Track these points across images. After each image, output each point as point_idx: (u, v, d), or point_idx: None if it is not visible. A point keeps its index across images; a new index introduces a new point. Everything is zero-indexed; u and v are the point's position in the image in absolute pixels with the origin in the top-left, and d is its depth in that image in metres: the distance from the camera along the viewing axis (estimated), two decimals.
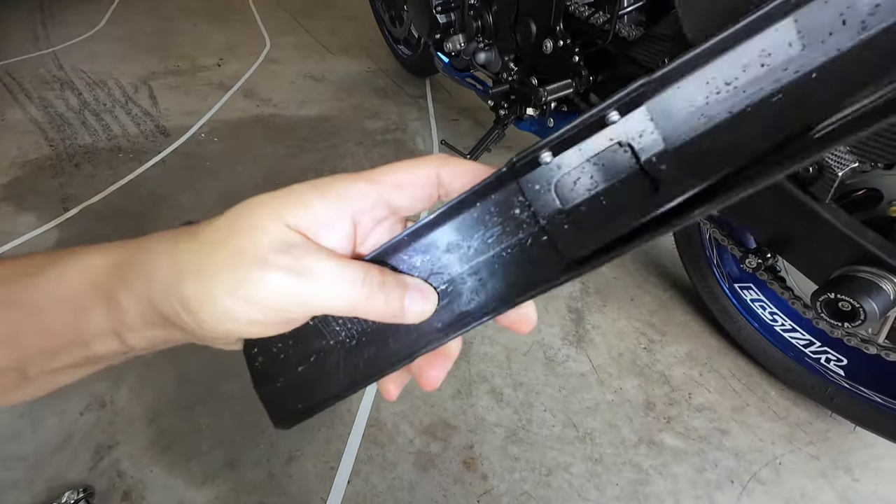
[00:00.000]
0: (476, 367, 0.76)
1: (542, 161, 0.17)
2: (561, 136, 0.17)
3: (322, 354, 0.21)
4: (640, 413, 0.70)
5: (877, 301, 0.45)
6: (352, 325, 0.21)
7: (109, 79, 1.58)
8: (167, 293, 0.17)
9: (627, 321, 0.84)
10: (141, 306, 0.18)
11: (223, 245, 0.17)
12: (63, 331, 0.18)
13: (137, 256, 0.18)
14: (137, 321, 0.18)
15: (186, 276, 0.17)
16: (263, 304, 0.17)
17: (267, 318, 0.18)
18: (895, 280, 0.45)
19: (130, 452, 0.64)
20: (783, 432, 0.68)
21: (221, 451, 0.64)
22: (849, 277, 0.48)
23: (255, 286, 0.17)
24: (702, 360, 0.78)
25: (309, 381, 0.21)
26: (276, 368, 0.21)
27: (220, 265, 0.17)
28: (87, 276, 0.18)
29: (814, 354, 0.69)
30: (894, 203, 0.49)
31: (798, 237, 0.54)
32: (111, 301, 0.18)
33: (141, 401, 0.69)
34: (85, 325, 0.18)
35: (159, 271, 0.18)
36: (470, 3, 0.91)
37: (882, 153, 0.45)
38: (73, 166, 1.17)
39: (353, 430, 0.67)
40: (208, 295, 0.17)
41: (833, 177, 0.47)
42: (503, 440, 0.67)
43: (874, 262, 0.47)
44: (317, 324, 0.21)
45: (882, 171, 0.46)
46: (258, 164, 1.21)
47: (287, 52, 1.84)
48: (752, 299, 0.75)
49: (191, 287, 0.17)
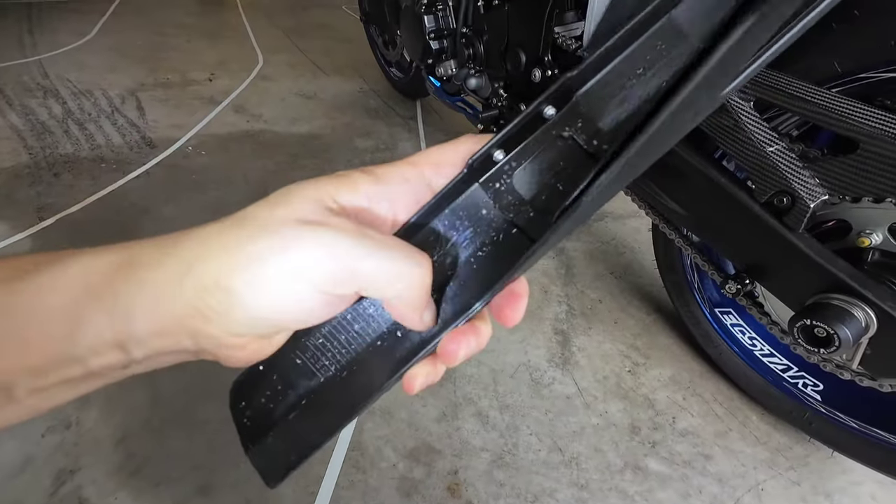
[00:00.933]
0: (462, 389, 0.75)
1: (496, 159, 0.19)
2: (507, 133, 0.19)
3: (313, 396, 0.20)
4: (626, 437, 0.70)
5: (850, 328, 0.47)
6: (342, 356, 0.20)
7: (96, 89, 1.56)
8: (195, 280, 0.15)
9: (612, 344, 0.84)
10: (152, 309, 0.16)
11: (267, 217, 0.16)
12: (55, 345, 0.16)
13: (146, 253, 0.16)
14: (146, 328, 0.16)
15: (223, 251, 0.16)
16: (317, 267, 0.15)
17: (317, 289, 0.16)
18: (866, 308, 0.47)
19: (95, 477, 0.60)
20: (765, 457, 0.69)
21: (194, 476, 0.61)
22: (823, 304, 0.49)
23: (311, 245, 0.15)
24: (685, 383, 0.79)
25: (302, 427, 0.20)
26: (266, 421, 0.20)
27: (263, 233, 0.15)
28: (86, 280, 0.16)
29: (792, 379, 0.70)
30: (862, 234, 0.51)
31: (774, 265, 0.56)
32: (115, 307, 0.16)
33: (109, 422, 0.66)
34: (81, 337, 0.16)
35: (178, 261, 0.16)
36: (462, 32, 0.95)
37: (849, 188, 0.47)
38: (52, 175, 1.14)
39: (334, 454, 0.64)
40: (255, 268, 0.15)
41: (805, 208, 0.49)
42: (488, 465, 0.65)
43: (845, 290, 0.49)
44: (305, 361, 0.20)
45: (850, 203, 0.49)
46: (246, 178, 1.20)
47: (280, 69, 1.86)
48: (733, 324, 0.76)
49: (231, 261, 0.15)
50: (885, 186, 0.45)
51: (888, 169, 0.45)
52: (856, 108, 0.45)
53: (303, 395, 0.20)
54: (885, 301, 0.46)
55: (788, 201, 0.50)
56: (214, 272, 0.16)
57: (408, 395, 0.73)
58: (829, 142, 0.55)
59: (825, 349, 0.48)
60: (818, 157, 0.49)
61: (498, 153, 0.19)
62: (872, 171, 0.46)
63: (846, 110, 0.45)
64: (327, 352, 0.20)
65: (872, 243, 0.51)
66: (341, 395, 0.20)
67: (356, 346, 0.20)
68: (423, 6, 0.97)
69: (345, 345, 0.20)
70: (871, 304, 0.47)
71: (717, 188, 0.55)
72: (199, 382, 0.70)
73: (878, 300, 0.47)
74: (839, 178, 0.48)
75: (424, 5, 0.97)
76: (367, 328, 0.20)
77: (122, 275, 0.16)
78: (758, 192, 0.52)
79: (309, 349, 0.20)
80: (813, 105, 0.47)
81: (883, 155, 0.44)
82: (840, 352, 0.48)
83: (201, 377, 0.70)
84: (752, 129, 0.50)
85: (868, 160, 0.45)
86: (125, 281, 0.16)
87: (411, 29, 1.04)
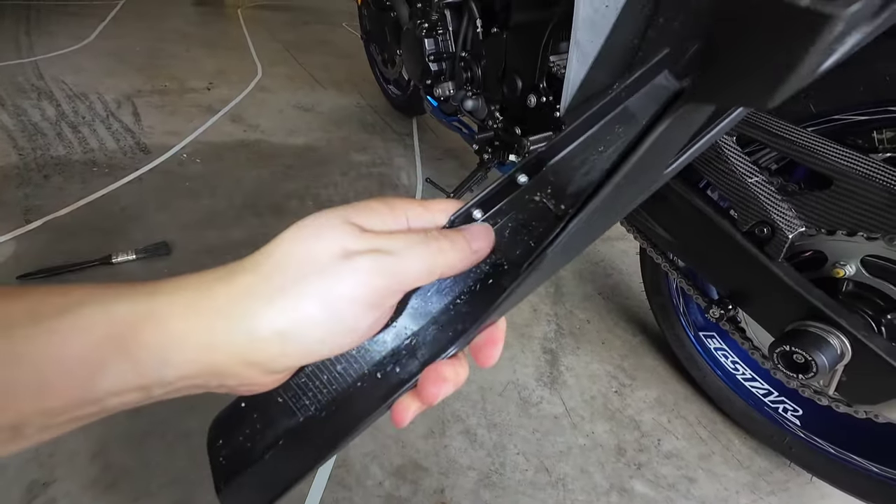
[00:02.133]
0: (450, 406, 0.75)
1: (475, 217, 0.22)
2: (486, 195, 0.22)
3: (291, 435, 0.21)
4: (612, 459, 0.71)
5: (826, 355, 0.49)
6: (323, 395, 0.21)
7: (92, 93, 1.56)
8: (248, 332, 0.16)
9: (600, 364, 0.85)
10: (187, 360, 0.16)
11: (294, 257, 0.17)
12: (74, 390, 0.15)
13: (173, 301, 0.16)
14: (177, 374, 0.16)
15: (265, 302, 0.16)
16: (362, 292, 0.16)
17: (364, 312, 0.17)
18: (841, 336, 0.49)
19: (69, 490, 0.58)
20: (746, 481, 0.70)
21: (173, 491, 0.59)
22: (801, 331, 0.51)
23: (350, 278, 0.16)
24: (670, 405, 0.80)
25: (277, 465, 0.21)
26: (242, 459, 0.21)
27: (301, 278, 0.16)
28: (108, 328, 0.15)
29: (772, 404, 0.72)
30: (837, 265, 0.54)
31: (756, 291, 0.58)
32: (143, 358, 0.16)
33: (87, 432, 0.64)
34: (101, 382, 0.15)
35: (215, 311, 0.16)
36: (461, 56, 0.98)
37: (824, 221, 0.50)
38: (41, 177, 1.12)
39: (319, 471, 0.63)
40: (301, 313, 0.16)
41: (784, 238, 0.52)
42: (475, 484, 0.65)
43: (822, 319, 0.51)
44: (287, 400, 0.21)
45: (825, 236, 0.52)
46: (240, 187, 1.20)
47: (279, 81, 1.88)
48: (716, 348, 0.78)
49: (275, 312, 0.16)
50: (857, 221, 0.48)
51: (859, 205, 0.47)
52: (829, 147, 0.48)
53: (281, 435, 0.21)
54: (858, 330, 0.49)
55: (769, 231, 0.53)
56: (270, 323, 0.16)
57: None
58: (806, 176, 0.58)
59: (803, 375, 0.50)
60: (796, 191, 0.52)
61: (477, 212, 0.22)
62: (845, 206, 0.48)
63: (820, 148, 0.49)
64: (308, 391, 0.21)
65: (846, 274, 0.53)
66: (320, 434, 0.21)
67: (337, 387, 0.21)
68: (424, 29, 1.01)
69: (326, 384, 0.21)
70: (846, 333, 0.49)
71: (703, 216, 0.58)
72: None
73: (852, 329, 0.49)
74: (815, 212, 0.51)
75: (425, 28, 1.01)
76: (349, 368, 0.21)
77: (151, 326, 0.16)
78: (740, 222, 0.54)
79: (291, 388, 0.21)
80: (790, 142, 0.50)
81: (854, 192, 0.47)
82: (817, 378, 0.50)
83: None
84: (735, 162, 0.53)
85: (841, 196, 0.48)
86: (155, 332, 0.16)
87: (412, 50, 1.07)
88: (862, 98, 0.50)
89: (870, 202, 0.47)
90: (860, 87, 0.49)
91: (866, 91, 0.48)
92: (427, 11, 1.01)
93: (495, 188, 0.22)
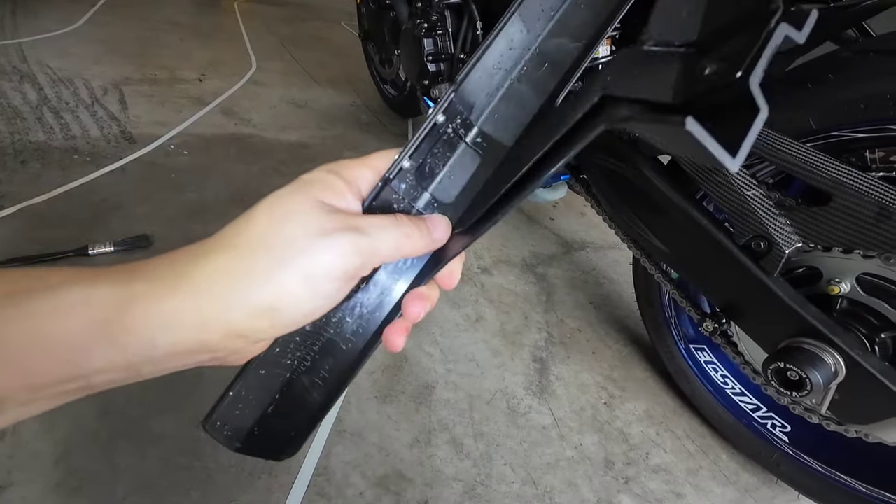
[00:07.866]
0: (437, 414, 0.73)
1: (404, 167, 0.24)
2: (411, 145, 0.24)
3: (285, 388, 0.22)
4: (600, 472, 0.69)
5: (820, 373, 0.48)
6: (302, 351, 0.23)
7: (78, 78, 1.51)
8: (243, 309, 0.17)
9: (590, 374, 0.84)
10: (177, 340, 0.16)
11: (274, 238, 0.18)
12: (57, 368, 0.15)
13: (154, 286, 0.16)
14: (167, 351, 0.17)
15: (250, 279, 0.17)
16: (340, 269, 0.18)
17: (340, 285, 0.19)
18: (835, 354, 0.49)
19: (26, 496, 0.54)
20: (733, 497, 0.69)
21: (141, 498, 0.56)
22: (795, 348, 0.51)
23: (329, 254, 0.18)
24: (658, 418, 0.79)
25: (285, 412, 0.22)
26: (244, 423, 0.22)
27: (286, 258, 0.17)
28: (88, 313, 0.16)
29: (761, 419, 0.71)
30: (832, 282, 0.53)
31: (750, 306, 0.57)
32: (131, 341, 0.16)
33: (52, 433, 0.60)
34: (86, 362, 0.16)
35: (202, 293, 0.16)
36: (460, 57, 0.97)
37: (821, 237, 0.50)
38: (18, 162, 1.08)
39: (298, 479, 0.61)
40: (287, 288, 0.17)
41: (781, 253, 0.51)
42: (460, 496, 0.63)
43: (817, 336, 0.50)
44: (269, 370, 0.22)
45: (821, 252, 0.51)
46: (227, 180, 1.16)
47: (273, 76, 1.85)
48: (706, 361, 0.78)
49: (263, 291, 0.17)
50: (853, 238, 0.48)
51: (857, 222, 0.47)
52: (828, 162, 0.48)
53: (275, 391, 0.22)
54: (853, 349, 0.48)
55: (765, 245, 0.52)
56: (259, 301, 0.17)
57: (380, 418, 0.70)
58: (803, 191, 0.58)
59: (797, 392, 0.50)
60: (793, 206, 0.51)
61: (406, 162, 0.24)
62: (842, 223, 0.48)
63: (819, 164, 0.48)
64: (289, 349, 0.22)
65: (841, 291, 0.53)
66: (313, 380, 0.23)
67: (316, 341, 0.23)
68: (423, 30, 0.99)
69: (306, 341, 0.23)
70: (841, 351, 0.49)
71: (698, 228, 0.57)
72: (156, 393, 0.66)
73: (847, 347, 0.48)
74: (812, 227, 0.50)
75: (425, 29, 0.99)
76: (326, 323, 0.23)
77: (137, 310, 0.16)
78: (737, 235, 0.54)
79: (268, 361, 0.22)
80: (788, 156, 0.50)
81: (852, 209, 0.47)
82: (811, 396, 0.49)
83: (159, 387, 0.66)
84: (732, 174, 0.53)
85: (839, 213, 0.48)
86: (141, 316, 0.16)
87: (410, 50, 1.06)
88: (860, 115, 0.50)
89: (868, 220, 0.46)
90: (859, 104, 0.49)
91: (867, 108, 0.48)
92: (427, 11, 1.00)
93: (419, 135, 0.24)
